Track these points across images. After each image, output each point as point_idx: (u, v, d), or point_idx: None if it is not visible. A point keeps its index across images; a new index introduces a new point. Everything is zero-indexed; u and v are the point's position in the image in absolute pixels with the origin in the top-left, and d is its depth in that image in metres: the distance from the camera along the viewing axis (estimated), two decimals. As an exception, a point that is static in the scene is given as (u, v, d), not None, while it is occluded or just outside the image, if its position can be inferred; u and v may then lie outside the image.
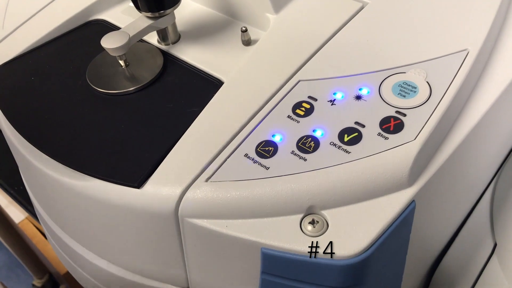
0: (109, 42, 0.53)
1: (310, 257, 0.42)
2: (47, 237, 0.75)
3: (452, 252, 0.59)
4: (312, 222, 0.43)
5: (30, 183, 0.63)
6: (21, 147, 0.53)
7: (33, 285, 1.15)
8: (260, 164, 0.45)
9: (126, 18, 0.64)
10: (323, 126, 0.47)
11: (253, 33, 0.59)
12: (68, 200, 0.52)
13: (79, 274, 0.66)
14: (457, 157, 0.47)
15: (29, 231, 1.18)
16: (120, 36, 0.54)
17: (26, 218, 1.17)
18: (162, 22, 0.57)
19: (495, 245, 0.59)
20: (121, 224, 0.49)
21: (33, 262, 1.14)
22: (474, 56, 0.49)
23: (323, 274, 0.42)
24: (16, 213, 1.16)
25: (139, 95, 0.54)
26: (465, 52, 0.50)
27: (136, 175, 0.46)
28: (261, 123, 0.48)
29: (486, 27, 0.52)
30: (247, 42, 0.58)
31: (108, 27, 0.63)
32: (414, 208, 0.44)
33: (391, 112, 0.46)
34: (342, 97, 0.48)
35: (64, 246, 0.62)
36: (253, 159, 0.45)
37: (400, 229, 0.43)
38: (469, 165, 0.52)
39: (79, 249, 0.59)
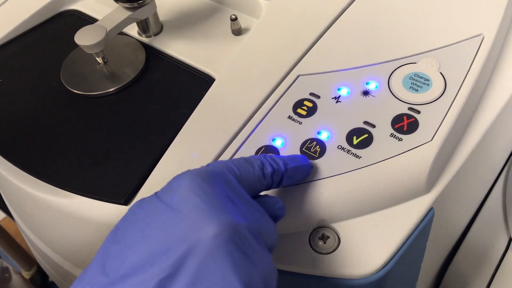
0: (84, 38, 0.47)
1: (321, 276, 0.38)
2: (29, 246, 0.70)
3: (465, 248, 0.56)
4: (322, 237, 0.38)
5: (5, 195, 0.57)
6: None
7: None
8: (260, 173, 0.40)
9: (101, 8, 0.58)
10: (328, 128, 0.42)
11: (244, 21, 0.54)
12: (49, 217, 0.47)
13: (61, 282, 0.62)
14: (475, 155, 0.43)
15: (12, 229, 1.13)
16: (96, 31, 0.48)
17: (8, 216, 1.12)
18: (142, 13, 0.51)
19: (510, 239, 0.55)
20: (108, 242, 0.44)
21: (20, 255, 1.10)
22: (490, 42, 0.45)
23: (336, 294, 0.38)
24: (-3, 211, 1.11)
25: (121, 96, 0.49)
26: (480, 37, 0.45)
27: (122, 190, 0.41)
28: (259, 126, 0.43)
29: (501, 8, 0.47)
30: (238, 32, 0.53)
31: (83, 19, 0.57)
32: (433, 216, 0.40)
33: (404, 109, 0.42)
34: (348, 93, 0.44)
35: (48, 259, 0.57)
36: (252, 168, 0.41)
37: (418, 240, 0.39)
38: (485, 162, 0.48)
39: (64, 264, 0.54)
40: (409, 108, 0.42)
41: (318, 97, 0.44)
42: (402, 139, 0.40)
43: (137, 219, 0.30)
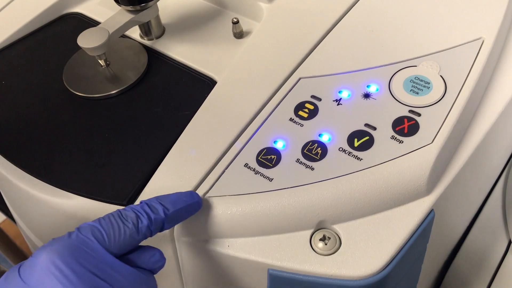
0: (86, 40, 0.48)
1: (323, 278, 0.38)
2: (30, 247, 0.70)
3: (465, 251, 0.56)
4: (323, 239, 0.39)
5: (7, 196, 0.57)
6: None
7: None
8: (262, 175, 0.41)
9: (104, 11, 0.58)
10: (330, 130, 0.42)
11: (245, 24, 0.54)
12: (51, 218, 0.47)
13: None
14: (475, 158, 0.43)
15: (12, 231, 1.13)
16: (98, 33, 0.48)
17: (8, 218, 1.12)
18: (145, 16, 0.51)
19: (510, 242, 0.56)
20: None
21: (20, 257, 1.10)
22: (490, 45, 0.45)
23: (337, 296, 0.39)
24: (-3, 213, 1.11)
25: (123, 99, 0.49)
26: (480, 41, 0.46)
27: (124, 191, 0.42)
28: (260, 128, 0.43)
29: (501, 12, 0.47)
30: (239, 35, 0.53)
31: (85, 21, 0.58)
32: (433, 218, 0.40)
33: (404, 111, 0.42)
34: (349, 95, 0.44)
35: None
36: (254, 170, 0.41)
37: (418, 241, 0.40)
38: (484, 164, 0.49)
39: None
40: (410, 111, 0.42)
41: (320, 99, 0.44)
42: (403, 142, 0.40)
43: None
